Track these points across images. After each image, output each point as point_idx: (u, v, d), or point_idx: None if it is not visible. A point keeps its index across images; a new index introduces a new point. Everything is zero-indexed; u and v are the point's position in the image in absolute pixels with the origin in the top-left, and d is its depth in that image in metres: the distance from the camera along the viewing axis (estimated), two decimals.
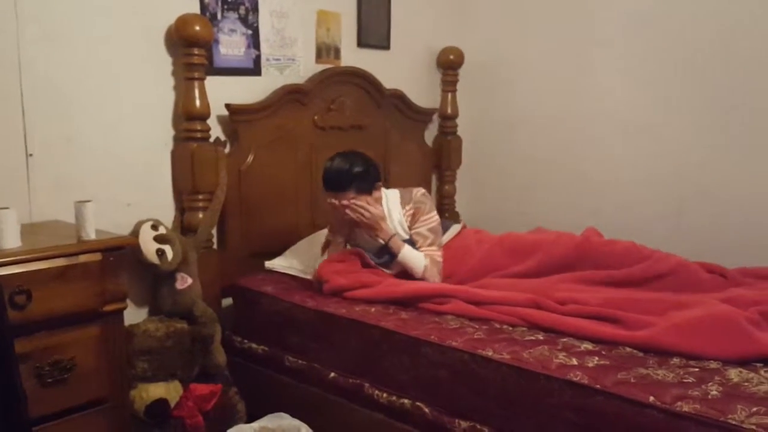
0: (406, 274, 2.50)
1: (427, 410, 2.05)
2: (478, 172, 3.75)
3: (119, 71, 2.41)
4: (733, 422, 1.50)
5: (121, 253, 2.00)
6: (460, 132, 3.71)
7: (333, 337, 2.33)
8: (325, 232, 2.74)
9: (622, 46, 3.15)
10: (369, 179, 2.49)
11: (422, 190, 2.63)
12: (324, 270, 2.49)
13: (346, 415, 2.30)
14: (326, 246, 2.64)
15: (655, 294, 2.15)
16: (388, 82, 3.30)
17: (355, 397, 2.26)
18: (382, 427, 2.18)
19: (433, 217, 2.57)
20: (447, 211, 3.72)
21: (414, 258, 2.47)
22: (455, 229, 2.72)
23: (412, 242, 2.53)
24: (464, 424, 1.96)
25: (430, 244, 2.52)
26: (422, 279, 2.46)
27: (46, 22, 2.21)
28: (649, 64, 3.07)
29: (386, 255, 2.53)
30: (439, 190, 3.77)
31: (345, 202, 2.42)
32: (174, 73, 2.55)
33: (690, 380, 1.68)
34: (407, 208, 2.57)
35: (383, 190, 2.60)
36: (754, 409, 1.53)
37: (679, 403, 1.58)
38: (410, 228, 2.56)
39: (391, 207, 2.58)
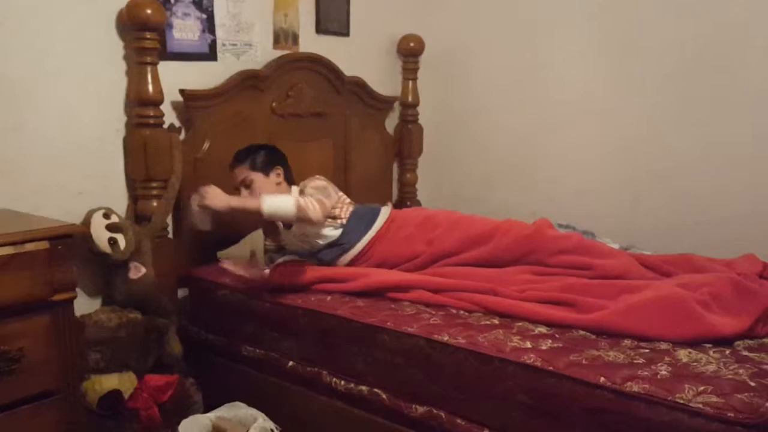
0: (354, 263, 2.48)
1: (384, 396, 2.06)
2: (439, 160, 3.75)
3: (68, 56, 2.35)
4: (681, 401, 1.53)
5: (69, 242, 1.94)
6: (421, 120, 3.71)
7: (290, 326, 2.32)
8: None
9: (580, 35, 3.17)
10: (266, 158, 2.53)
11: (315, 177, 2.57)
12: (278, 273, 2.44)
13: (304, 403, 2.29)
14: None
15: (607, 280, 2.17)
16: (348, 69, 3.28)
17: (313, 385, 2.26)
18: (341, 414, 2.18)
19: (316, 181, 2.52)
20: (408, 200, 3.72)
21: (281, 201, 2.32)
22: (383, 216, 2.58)
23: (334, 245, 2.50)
24: (421, 409, 1.97)
25: (311, 195, 2.42)
26: (301, 212, 2.29)
27: None
28: (607, 52, 3.10)
29: (333, 249, 2.50)
30: (400, 179, 3.77)
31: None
32: (126, 58, 2.49)
33: (640, 361, 1.71)
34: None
35: (294, 189, 2.56)
36: (701, 388, 1.55)
37: (628, 383, 1.60)
38: None
39: None
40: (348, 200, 2.61)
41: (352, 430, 2.16)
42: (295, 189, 2.57)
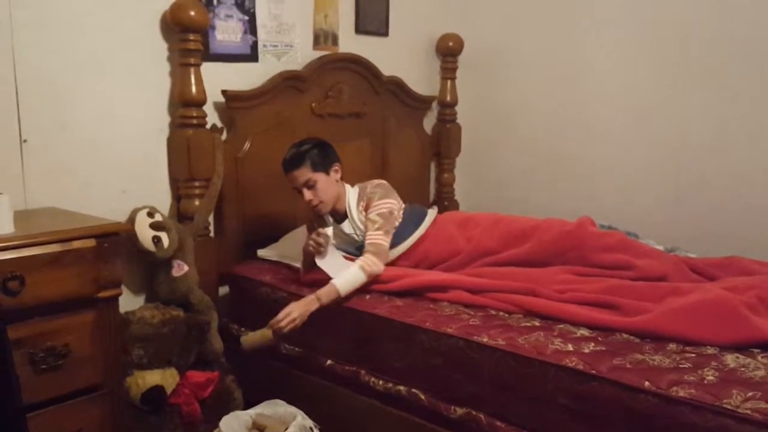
0: (398, 259, 2.50)
1: (423, 397, 2.05)
2: (477, 159, 3.73)
3: (114, 57, 2.40)
4: (729, 407, 1.49)
5: (115, 240, 1.99)
6: (459, 120, 3.69)
7: (329, 325, 2.32)
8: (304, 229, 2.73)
9: (622, 32, 3.12)
10: (323, 156, 2.47)
11: (377, 181, 2.58)
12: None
13: (342, 402, 2.30)
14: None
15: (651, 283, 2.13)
16: (387, 69, 3.28)
17: (351, 384, 2.26)
18: (379, 413, 2.18)
19: (385, 204, 2.48)
20: (446, 200, 3.71)
21: (351, 279, 2.30)
22: (431, 215, 2.61)
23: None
24: (460, 410, 1.95)
25: (377, 229, 2.42)
26: (372, 278, 2.32)
27: (39, 8, 2.20)
28: (649, 50, 3.04)
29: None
30: (438, 179, 3.75)
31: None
32: (170, 59, 2.53)
33: (686, 366, 1.67)
34: (361, 204, 2.51)
35: (347, 187, 2.57)
36: (750, 393, 1.51)
37: (674, 388, 1.57)
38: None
39: (351, 206, 2.53)
40: (402, 203, 2.59)
41: (391, 430, 2.16)
42: (350, 189, 2.56)
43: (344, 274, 2.31)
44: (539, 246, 2.35)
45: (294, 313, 2.22)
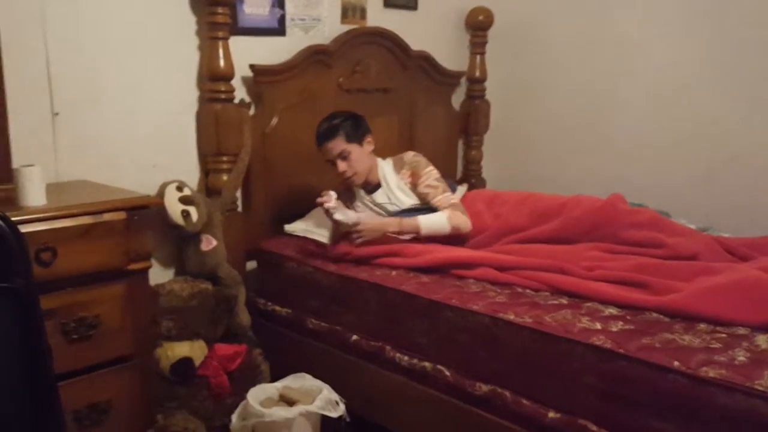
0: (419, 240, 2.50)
1: (447, 373, 2.05)
2: (505, 136, 3.68)
3: (144, 31, 2.40)
4: (760, 388, 1.46)
5: (145, 213, 2.01)
6: (488, 96, 3.65)
7: (355, 300, 2.33)
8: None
9: (654, 6, 3.04)
10: (356, 128, 2.52)
11: (412, 153, 2.64)
12: (344, 244, 2.47)
13: (367, 377, 2.30)
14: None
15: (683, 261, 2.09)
16: (415, 43, 3.24)
17: (376, 359, 2.27)
18: (403, 389, 2.19)
19: (434, 170, 2.58)
20: (473, 177, 3.67)
21: (435, 221, 2.44)
22: (460, 192, 2.67)
23: (416, 209, 2.53)
24: (485, 387, 1.95)
25: (444, 191, 2.52)
26: (455, 231, 2.43)
27: None
28: (682, 25, 2.96)
29: (410, 213, 2.52)
30: (465, 156, 3.72)
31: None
32: (198, 33, 2.53)
33: (717, 346, 1.65)
34: (402, 172, 2.58)
35: (378, 160, 2.60)
36: None
37: (704, 369, 1.55)
38: (415, 188, 2.56)
39: (387, 175, 2.58)
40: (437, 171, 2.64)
41: (415, 405, 2.17)
42: (381, 161, 2.59)
43: (430, 216, 2.42)
44: (568, 222, 2.33)
45: (365, 232, 2.39)
